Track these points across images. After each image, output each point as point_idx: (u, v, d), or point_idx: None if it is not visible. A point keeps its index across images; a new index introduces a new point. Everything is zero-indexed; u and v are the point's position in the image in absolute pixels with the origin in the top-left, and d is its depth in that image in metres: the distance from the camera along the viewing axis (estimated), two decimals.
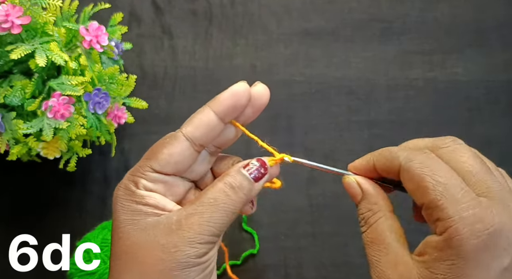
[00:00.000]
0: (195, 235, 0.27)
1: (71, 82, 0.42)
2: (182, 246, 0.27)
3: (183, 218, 0.28)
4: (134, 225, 0.28)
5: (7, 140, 0.43)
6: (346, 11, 0.60)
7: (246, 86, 0.30)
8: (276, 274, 0.53)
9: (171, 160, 0.29)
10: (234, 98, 0.30)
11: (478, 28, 0.60)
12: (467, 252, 0.25)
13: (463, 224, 0.25)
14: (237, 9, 0.60)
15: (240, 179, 0.29)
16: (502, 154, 0.56)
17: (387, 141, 0.57)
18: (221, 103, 0.30)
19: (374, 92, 0.58)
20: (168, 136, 0.30)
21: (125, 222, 0.28)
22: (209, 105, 0.30)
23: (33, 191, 0.54)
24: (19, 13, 0.39)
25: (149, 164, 0.29)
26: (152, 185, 0.29)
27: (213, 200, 0.28)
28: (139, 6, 0.60)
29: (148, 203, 0.29)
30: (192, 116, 0.30)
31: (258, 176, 0.30)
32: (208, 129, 0.30)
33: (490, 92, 0.58)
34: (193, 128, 0.30)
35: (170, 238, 0.27)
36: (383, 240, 0.29)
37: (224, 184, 0.29)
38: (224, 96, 0.30)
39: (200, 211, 0.28)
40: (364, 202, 0.31)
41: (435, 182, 0.27)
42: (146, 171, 0.29)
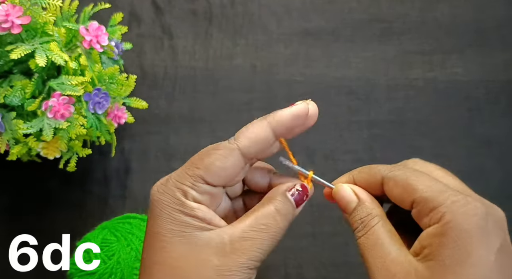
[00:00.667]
0: (247, 261, 0.27)
1: (71, 82, 0.42)
2: (235, 271, 0.27)
3: (236, 241, 0.27)
4: (183, 238, 0.27)
5: (7, 140, 0.43)
6: (346, 11, 0.60)
7: (307, 108, 0.30)
8: (276, 274, 0.53)
9: (223, 173, 0.28)
10: (296, 121, 0.29)
11: (478, 28, 0.60)
12: (467, 231, 0.26)
13: (457, 207, 0.26)
14: (237, 9, 0.60)
15: (288, 206, 0.30)
16: (502, 154, 0.56)
17: (387, 141, 0.57)
18: (282, 123, 0.29)
19: (374, 92, 0.58)
20: (222, 147, 0.29)
21: (173, 232, 0.27)
22: (268, 120, 0.29)
23: (33, 191, 0.54)
24: (19, 13, 0.39)
25: (201, 175, 0.28)
26: (200, 197, 0.28)
27: (264, 227, 0.28)
28: (139, 6, 0.60)
29: (197, 215, 0.28)
30: (248, 129, 0.29)
31: (300, 202, 0.31)
32: (264, 146, 0.29)
33: (490, 92, 0.58)
34: (249, 143, 0.29)
35: (224, 260, 0.27)
36: (382, 243, 0.29)
37: (276, 210, 0.29)
38: (286, 116, 0.29)
39: (252, 236, 0.28)
40: (362, 207, 0.31)
41: (420, 181, 0.28)
42: (197, 182, 0.28)
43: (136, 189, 0.55)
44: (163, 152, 0.56)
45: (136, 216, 0.48)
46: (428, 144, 0.56)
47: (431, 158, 0.58)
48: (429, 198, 0.27)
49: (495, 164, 0.56)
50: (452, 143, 0.56)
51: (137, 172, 0.55)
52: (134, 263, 0.44)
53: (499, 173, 0.55)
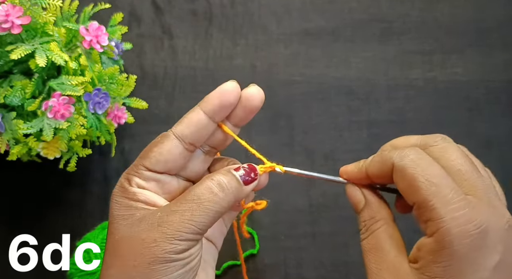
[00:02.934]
0: (174, 232, 0.27)
1: (71, 82, 0.42)
2: (160, 242, 0.27)
3: (165, 215, 0.28)
4: (124, 220, 0.29)
5: (7, 140, 0.43)
6: (346, 11, 0.60)
7: (235, 84, 0.30)
8: (276, 274, 0.53)
9: (161, 158, 0.30)
10: (222, 97, 0.30)
11: (478, 28, 0.60)
12: (460, 252, 0.25)
13: (454, 225, 0.26)
14: (237, 9, 0.60)
15: (229, 179, 0.29)
16: (502, 154, 0.56)
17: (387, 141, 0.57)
18: (210, 102, 0.30)
19: (374, 92, 0.58)
20: (160, 136, 0.31)
21: (118, 217, 0.29)
22: (199, 104, 0.30)
23: (33, 191, 0.54)
24: (19, 13, 0.39)
25: (142, 162, 0.30)
26: (144, 183, 0.30)
27: (196, 197, 0.28)
28: (139, 6, 0.60)
29: (139, 199, 0.29)
30: (183, 116, 0.31)
31: (248, 179, 0.30)
32: (198, 128, 0.30)
33: (490, 92, 0.58)
34: (183, 127, 0.30)
35: (151, 233, 0.27)
36: (382, 248, 0.29)
37: (211, 181, 0.29)
38: (212, 95, 0.30)
39: (182, 209, 0.28)
40: (367, 210, 0.31)
41: (427, 182, 0.27)
42: (139, 169, 0.30)
43: None
44: None
45: None
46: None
47: None
48: (431, 208, 0.26)
49: (495, 164, 0.55)
50: None
51: None
52: None
53: (499, 173, 0.55)
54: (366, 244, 0.30)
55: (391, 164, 0.29)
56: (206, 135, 0.31)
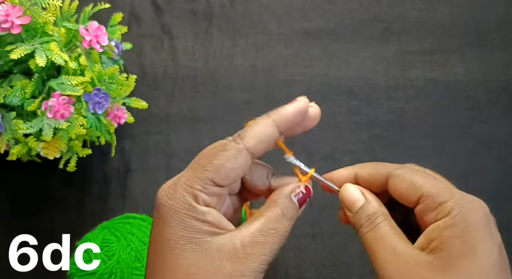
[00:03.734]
0: (259, 266, 0.27)
1: (71, 82, 0.42)
2: (248, 276, 0.27)
3: (248, 246, 0.28)
4: (195, 245, 0.27)
5: (7, 140, 0.43)
6: (346, 11, 0.60)
7: (307, 103, 0.30)
8: (276, 274, 0.53)
9: (233, 175, 0.28)
10: (298, 116, 0.30)
11: (478, 28, 0.60)
12: (475, 225, 0.27)
13: (464, 202, 0.28)
14: (237, 9, 0.60)
15: (293, 209, 0.30)
16: (502, 154, 0.56)
17: (387, 141, 0.57)
18: (286, 119, 0.29)
19: (374, 92, 0.58)
20: (230, 148, 0.28)
21: (185, 239, 0.27)
22: (273, 118, 0.29)
23: (33, 191, 0.54)
24: (19, 13, 0.39)
25: (211, 177, 0.28)
26: (210, 199, 0.28)
27: (274, 231, 0.28)
28: (139, 6, 0.60)
29: (207, 220, 0.28)
30: (254, 128, 0.29)
31: (303, 203, 0.31)
32: (270, 144, 0.29)
33: (490, 92, 0.58)
34: (256, 142, 0.29)
35: (237, 266, 0.27)
36: (391, 237, 0.29)
37: (282, 213, 0.29)
38: (289, 112, 0.30)
39: (262, 241, 0.28)
40: (369, 206, 0.31)
41: (426, 178, 0.30)
42: (207, 184, 0.28)
43: (136, 189, 0.55)
44: (163, 152, 0.56)
45: (136, 216, 0.48)
46: (428, 144, 0.56)
47: (431, 158, 0.58)
48: (437, 194, 0.28)
49: (495, 164, 0.56)
50: (452, 143, 0.56)
51: (137, 172, 0.55)
52: (134, 263, 0.44)
53: (499, 173, 0.55)
54: (373, 234, 0.30)
55: (385, 172, 0.31)
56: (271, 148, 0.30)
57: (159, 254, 0.28)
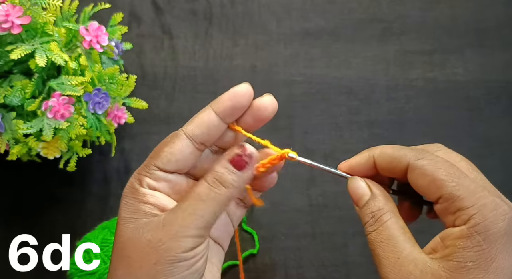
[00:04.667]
0: (178, 229, 0.27)
1: (71, 82, 0.42)
2: (167, 241, 0.27)
3: (168, 215, 0.28)
4: (131, 223, 0.29)
5: (7, 140, 0.43)
6: (346, 11, 0.60)
7: (248, 87, 0.30)
8: (276, 274, 0.53)
9: (172, 158, 0.30)
10: (234, 99, 0.30)
11: (478, 28, 0.60)
12: (494, 236, 0.26)
13: (487, 210, 0.27)
14: (237, 9, 0.60)
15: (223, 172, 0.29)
16: (502, 154, 0.56)
17: (387, 141, 0.57)
18: (222, 103, 0.30)
19: (374, 92, 0.58)
20: (171, 135, 0.30)
21: (125, 220, 0.29)
22: (211, 105, 0.30)
23: (33, 191, 0.54)
24: (19, 13, 0.39)
25: (153, 162, 0.30)
26: (156, 183, 0.30)
27: (197, 195, 0.28)
28: (139, 6, 0.60)
29: (149, 201, 0.29)
30: (194, 116, 0.31)
31: (241, 164, 0.29)
32: (209, 128, 0.30)
33: (490, 92, 0.58)
34: (194, 126, 0.30)
35: (156, 234, 0.27)
36: (395, 239, 0.28)
37: (208, 178, 0.29)
38: (224, 96, 0.30)
39: (184, 206, 0.28)
40: (374, 201, 0.30)
41: (449, 175, 0.28)
42: (151, 169, 0.30)
43: None
44: None
45: None
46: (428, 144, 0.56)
47: None
48: (460, 197, 0.27)
49: (495, 164, 0.56)
50: (452, 143, 0.56)
51: None
52: None
53: (499, 173, 0.55)
54: (377, 235, 0.29)
55: (406, 162, 0.29)
56: (217, 136, 0.31)
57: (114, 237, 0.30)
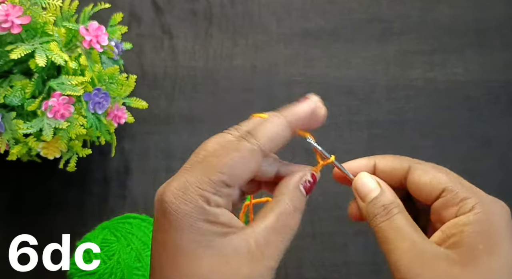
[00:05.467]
0: (275, 264, 0.28)
1: (71, 82, 0.42)
2: (266, 275, 0.27)
3: (263, 245, 0.27)
4: (210, 248, 0.26)
5: (7, 140, 0.43)
6: (346, 11, 0.60)
7: (319, 101, 0.30)
8: (276, 274, 0.52)
9: (246, 176, 0.27)
10: (311, 116, 0.30)
11: (478, 28, 0.60)
12: (498, 224, 0.27)
13: (487, 201, 0.28)
14: (237, 9, 0.60)
15: (302, 200, 0.30)
16: (502, 154, 0.56)
17: (387, 141, 0.57)
18: (299, 118, 0.29)
19: (374, 92, 0.58)
20: (243, 148, 0.27)
21: (199, 243, 0.26)
22: (287, 119, 0.29)
23: (33, 191, 0.54)
24: (19, 13, 0.39)
25: (224, 180, 0.26)
26: (221, 200, 0.27)
27: (288, 227, 0.28)
28: (139, 6, 0.60)
29: (219, 222, 0.27)
30: (267, 126, 0.28)
31: (309, 191, 0.31)
32: (283, 143, 0.29)
33: (490, 92, 0.58)
34: (270, 142, 0.28)
35: (254, 267, 0.27)
36: (408, 228, 0.29)
37: (294, 207, 0.29)
38: (303, 112, 0.30)
39: (277, 239, 0.28)
40: (385, 195, 0.30)
41: (448, 174, 0.30)
42: (219, 187, 0.26)
43: (136, 189, 0.55)
44: (163, 152, 0.56)
45: (136, 216, 0.48)
46: (428, 144, 0.56)
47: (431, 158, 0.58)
48: (460, 189, 0.29)
49: (495, 164, 0.56)
50: (452, 143, 0.56)
51: (137, 172, 0.55)
52: (134, 263, 0.44)
53: (498, 173, 0.55)
54: (390, 223, 0.29)
55: (407, 164, 0.31)
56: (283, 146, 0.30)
57: (170, 263, 0.26)
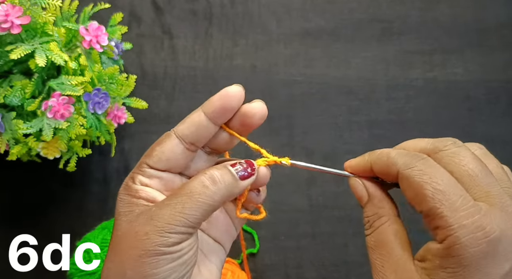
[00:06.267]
0: (164, 225, 0.28)
1: (71, 82, 0.42)
2: (151, 235, 0.27)
3: (158, 208, 0.28)
4: (125, 216, 0.29)
5: (7, 140, 0.43)
6: (346, 11, 0.60)
7: (238, 89, 0.30)
8: (276, 274, 0.53)
9: (162, 156, 0.30)
10: (223, 100, 0.30)
11: (478, 28, 0.60)
12: (468, 260, 0.25)
13: (463, 233, 0.25)
14: (237, 9, 0.60)
15: (222, 173, 0.29)
16: (502, 154, 0.56)
17: (387, 141, 0.57)
18: (211, 105, 0.30)
19: (374, 92, 0.58)
20: (164, 135, 0.31)
21: (120, 214, 0.30)
22: (202, 106, 0.31)
23: (33, 191, 0.54)
24: (19, 13, 0.39)
25: (145, 160, 0.31)
26: (148, 180, 0.30)
27: (188, 191, 0.28)
28: (139, 6, 0.60)
29: (140, 196, 0.30)
30: (187, 116, 0.31)
31: (245, 174, 0.30)
32: (198, 129, 0.30)
33: (490, 92, 0.58)
34: (184, 127, 0.31)
35: (143, 227, 0.28)
36: (386, 244, 0.29)
37: (204, 175, 0.29)
38: (214, 98, 0.31)
39: (174, 202, 0.28)
40: (370, 205, 0.30)
41: (434, 190, 0.26)
42: (143, 167, 0.30)
43: None
44: None
45: None
46: None
47: None
48: (439, 216, 0.26)
49: None
50: None
51: None
52: None
53: None
54: (370, 240, 0.30)
55: (395, 170, 0.29)
56: (207, 137, 0.31)
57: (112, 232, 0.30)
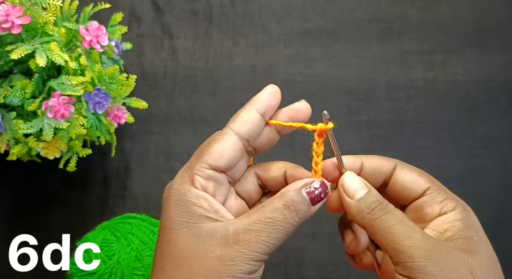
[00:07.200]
0: (251, 252, 0.27)
1: (71, 82, 0.42)
2: (238, 261, 0.27)
3: (241, 233, 0.28)
4: (189, 229, 0.28)
5: (7, 140, 0.43)
6: (346, 11, 0.60)
7: (277, 87, 0.32)
8: (276, 274, 0.53)
9: (224, 154, 0.30)
10: (271, 97, 0.32)
11: (478, 28, 0.60)
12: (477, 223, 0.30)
13: (462, 202, 0.31)
14: (237, 9, 0.60)
15: (299, 202, 0.29)
16: (502, 154, 0.56)
17: (387, 141, 0.57)
18: (261, 101, 0.31)
19: (374, 92, 0.58)
20: (217, 133, 0.31)
21: (180, 224, 0.28)
22: (249, 104, 0.31)
23: (33, 191, 0.54)
24: (19, 13, 0.39)
25: (204, 160, 0.29)
26: (206, 182, 0.29)
27: (271, 220, 0.28)
28: (139, 6, 0.60)
29: (201, 205, 0.28)
30: (235, 115, 0.31)
31: (316, 199, 0.30)
32: (253, 125, 0.31)
33: (490, 92, 0.58)
34: (239, 124, 0.31)
35: (227, 251, 0.27)
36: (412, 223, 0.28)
37: (284, 205, 0.29)
38: (262, 95, 0.31)
39: (257, 229, 0.28)
40: (375, 192, 0.30)
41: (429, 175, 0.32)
42: (202, 167, 0.29)
43: (136, 189, 0.55)
44: (163, 152, 0.56)
45: (136, 216, 0.48)
46: (428, 144, 0.56)
47: (431, 158, 0.58)
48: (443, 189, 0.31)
49: (495, 164, 0.56)
50: (452, 143, 0.56)
51: (137, 172, 0.55)
52: (134, 263, 0.44)
53: (499, 173, 0.55)
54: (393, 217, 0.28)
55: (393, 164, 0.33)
56: (259, 133, 0.32)
57: (159, 242, 0.29)
